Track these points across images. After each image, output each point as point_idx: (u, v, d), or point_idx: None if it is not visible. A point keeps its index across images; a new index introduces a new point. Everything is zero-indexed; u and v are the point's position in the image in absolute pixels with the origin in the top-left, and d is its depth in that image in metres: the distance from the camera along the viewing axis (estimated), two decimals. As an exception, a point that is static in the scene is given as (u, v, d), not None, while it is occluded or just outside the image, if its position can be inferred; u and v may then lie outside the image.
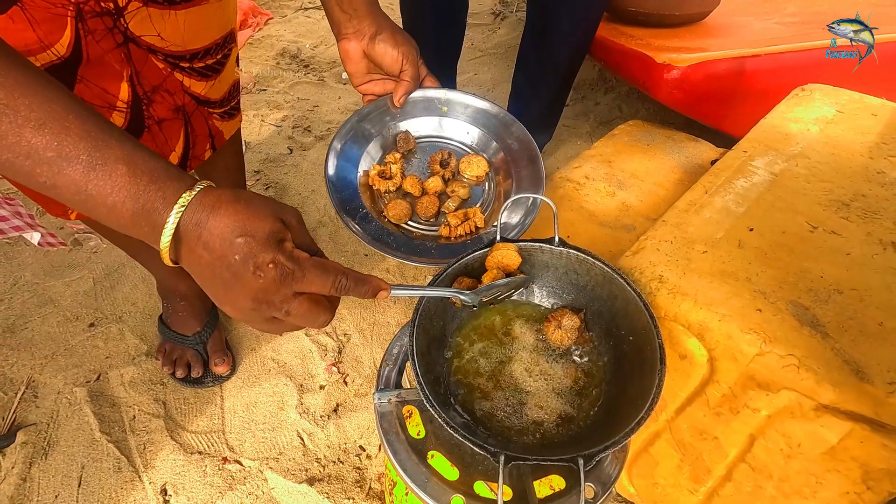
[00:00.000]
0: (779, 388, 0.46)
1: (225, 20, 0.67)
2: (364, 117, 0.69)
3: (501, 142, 0.70)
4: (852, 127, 0.70)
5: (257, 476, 0.83)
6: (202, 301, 0.97)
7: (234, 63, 0.75)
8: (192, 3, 0.60)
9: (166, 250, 0.37)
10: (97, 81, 0.57)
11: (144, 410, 0.90)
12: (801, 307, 0.48)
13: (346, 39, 0.65)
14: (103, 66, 0.57)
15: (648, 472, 0.70)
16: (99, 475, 0.82)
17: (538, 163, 0.65)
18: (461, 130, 0.72)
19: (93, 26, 0.53)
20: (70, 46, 0.53)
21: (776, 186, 0.61)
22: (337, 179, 0.64)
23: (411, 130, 0.71)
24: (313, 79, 1.79)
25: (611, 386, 0.50)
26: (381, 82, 0.69)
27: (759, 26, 1.07)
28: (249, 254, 0.35)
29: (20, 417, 0.89)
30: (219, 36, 0.67)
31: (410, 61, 0.65)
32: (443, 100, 0.71)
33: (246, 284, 0.36)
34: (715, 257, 0.53)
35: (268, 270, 0.36)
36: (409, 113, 0.71)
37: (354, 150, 0.68)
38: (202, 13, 0.62)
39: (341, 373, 0.97)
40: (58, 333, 1.02)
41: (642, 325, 0.47)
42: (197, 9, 0.61)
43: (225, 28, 0.68)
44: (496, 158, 0.70)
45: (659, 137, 1.00)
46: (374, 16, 0.64)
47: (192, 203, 0.36)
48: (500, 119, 0.71)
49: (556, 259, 0.54)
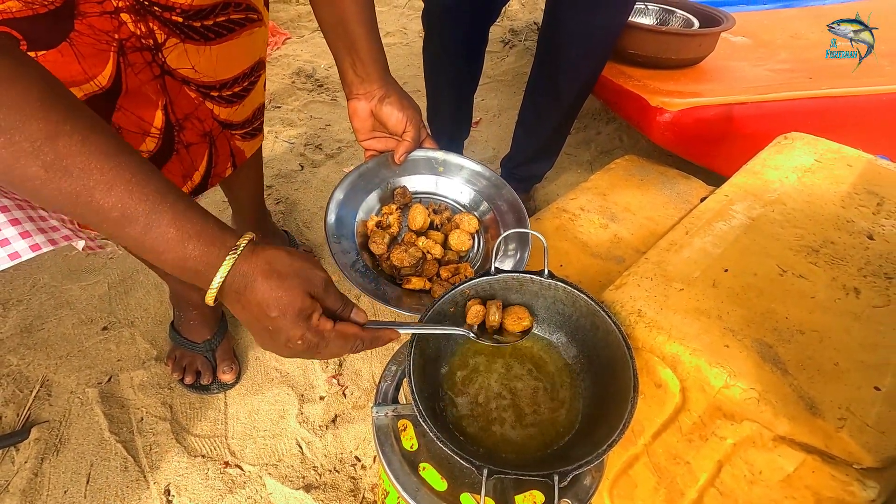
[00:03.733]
0: (742, 418, 0.50)
1: (254, 50, 0.73)
2: (365, 172, 0.73)
3: (491, 202, 0.75)
4: (828, 176, 0.75)
5: (256, 481, 0.87)
6: (213, 310, 1.02)
7: (262, 88, 0.80)
8: (225, 38, 0.66)
9: (211, 302, 0.45)
10: (134, 110, 0.63)
11: (152, 413, 0.95)
12: (765, 345, 0.52)
13: (357, 99, 0.71)
14: (140, 96, 0.62)
15: (628, 493, 0.74)
16: (106, 473, 0.86)
17: (524, 222, 0.70)
18: (455, 189, 0.77)
19: (133, 60, 0.59)
20: (111, 78, 0.58)
21: (752, 230, 0.66)
22: (336, 227, 0.68)
23: (409, 186, 0.76)
24: (326, 98, 1.86)
25: (590, 409, 0.54)
26: (383, 140, 0.75)
27: (751, 72, 1.13)
28: (282, 328, 0.44)
29: (34, 414, 0.93)
30: (247, 66, 0.72)
31: (413, 123, 0.71)
32: (440, 160, 0.77)
33: (280, 346, 0.46)
34: (690, 295, 0.58)
35: (296, 344, 0.45)
36: (407, 170, 0.76)
37: (354, 201, 0.72)
38: (234, 46, 0.68)
39: (341, 385, 1.01)
40: (72, 335, 1.07)
41: (620, 355, 0.52)
42: (229, 43, 0.67)
43: (254, 58, 0.73)
44: (486, 218, 0.75)
45: (653, 173, 1.06)
46: (384, 81, 0.70)
47: (232, 270, 0.43)
48: (492, 182, 0.76)
49: (545, 290, 0.59)
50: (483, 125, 1.78)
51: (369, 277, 0.67)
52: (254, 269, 0.44)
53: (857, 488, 0.44)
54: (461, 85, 1.25)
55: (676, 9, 1.22)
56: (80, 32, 0.52)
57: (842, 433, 0.46)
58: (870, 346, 0.53)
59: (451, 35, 1.11)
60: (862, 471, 0.44)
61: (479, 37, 1.16)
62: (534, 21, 2.39)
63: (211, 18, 0.61)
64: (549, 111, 1.16)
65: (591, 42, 0.99)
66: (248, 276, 0.43)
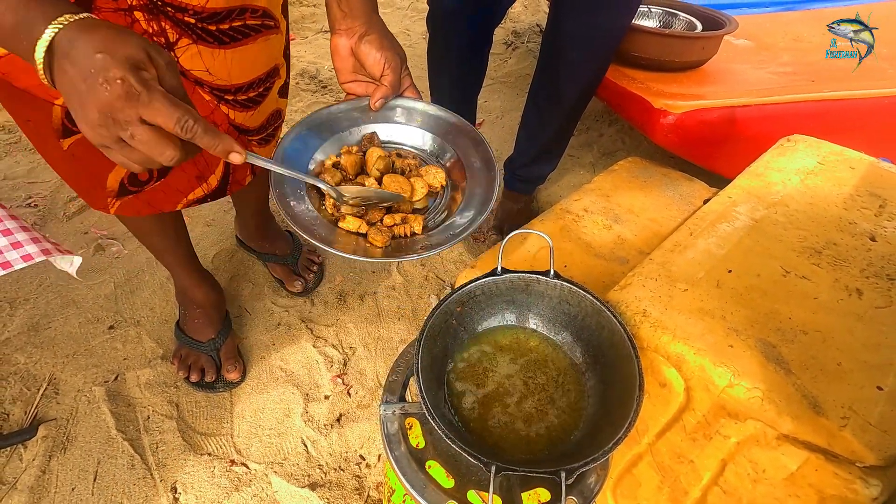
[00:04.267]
0: (745, 417, 0.51)
1: (270, 56, 0.72)
2: (335, 112, 0.68)
3: (464, 155, 0.70)
4: (831, 178, 0.75)
5: (262, 479, 0.87)
6: (217, 310, 1.03)
7: (276, 94, 0.79)
8: (240, 43, 0.66)
9: (41, 65, 0.39)
10: None
11: (158, 411, 0.95)
12: (768, 345, 0.53)
13: (338, 35, 0.66)
14: None
15: (632, 492, 0.74)
16: (114, 471, 0.87)
17: (493, 185, 0.64)
18: (428, 141, 0.72)
19: None
20: None
21: (755, 232, 0.66)
22: (288, 159, 0.62)
23: (379, 134, 0.70)
24: (330, 99, 1.87)
25: (595, 408, 0.55)
26: (364, 84, 0.69)
27: (754, 75, 1.14)
28: (103, 68, 0.38)
29: (41, 412, 0.94)
30: (263, 71, 0.72)
31: (392, 68, 0.65)
32: (418, 110, 0.71)
33: (95, 95, 0.38)
34: (694, 295, 0.58)
35: (115, 85, 0.38)
36: (382, 118, 0.70)
37: (316, 140, 0.66)
38: (249, 51, 0.68)
39: (346, 384, 1.02)
40: (79, 334, 1.07)
41: (625, 355, 0.52)
42: (244, 48, 0.67)
43: (269, 64, 0.73)
44: (451, 166, 0.70)
45: (656, 175, 1.06)
46: (368, 17, 0.65)
47: (69, 24, 0.39)
48: (470, 137, 0.71)
49: (550, 290, 0.60)
50: (486, 126, 1.79)
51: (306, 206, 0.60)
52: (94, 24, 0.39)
53: (859, 486, 0.44)
54: (465, 87, 1.26)
55: (679, 12, 1.22)
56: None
57: (845, 432, 0.46)
58: (872, 347, 0.54)
59: (455, 37, 1.12)
60: (865, 469, 0.45)
61: (483, 39, 1.17)
62: (536, 23, 2.40)
63: (227, 23, 0.62)
64: (552, 114, 1.17)
65: (593, 45, 0.99)
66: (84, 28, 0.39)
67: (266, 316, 1.13)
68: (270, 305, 1.15)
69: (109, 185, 0.71)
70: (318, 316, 1.14)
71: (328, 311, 1.15)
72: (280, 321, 1.12)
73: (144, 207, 0.76)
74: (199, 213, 1.37)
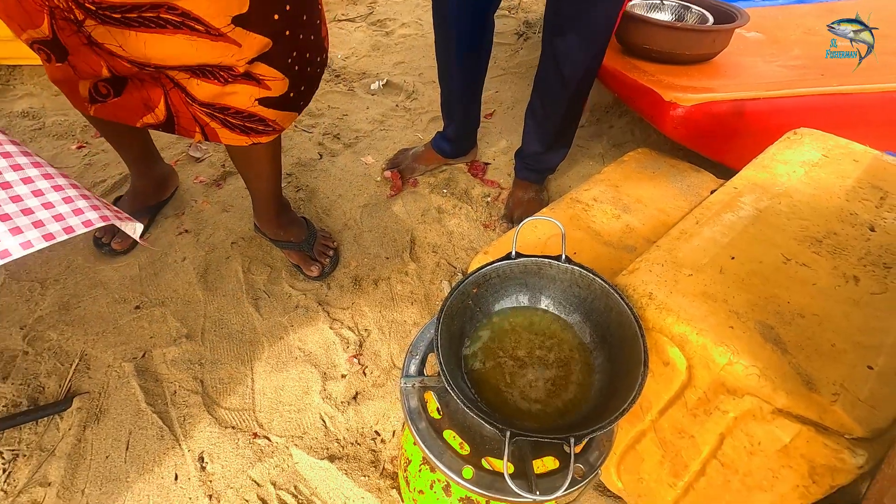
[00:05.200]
0: (743, 393, 0.55)
1: (198, 55, 0.73)
2: None
3: None
4: (834, 171, 0.78)
5: (283, 451, 0.92)
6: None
7: (246, 98, 0.82)
8: (153, 30, 0.69)
9: None
10: (83, 59, 0.78)
11: (184, 387, 1.00)
12: (767, 327, 0.56)
13: None
14: (82, 54, 0.76)
15: (635, 467, 0.78)
16: (144, 441, 0.92)
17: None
18: None
19: (62, 25, 0.73)
20: (50, 31, 0.74)
21: (759, 221, 0.69)
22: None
23: None
24: (343, 88, 1.90)
25: (602, 384, 0.59)
26: None
27: (764, 68, 1.16)
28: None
29: (75, 386, 0.99)
30: (192, 62, 0.75)
31: None
32: None
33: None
34: (698, 280, 0.62)
35: None
36: None
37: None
38: (167, 41, 0.71)
39: (361, 364, 1.06)
40: (107, 313, 1.12)
41: (631, 335, 0.56)
42: (161, 36, 0.70)
43: (201, 59, 0.74)
44: None
45: (664, 166, 1.09)
46: None
47: None
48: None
49: (562, 274, 0.63)
50: (497, 117, 1.81)
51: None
52: None
53: (847, 456, 0.48)
54: (464, 71, 1.27)
55: (693, 5, 1.24)
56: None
57: (835, 407, 0.50)
58: (866, 330, 0.57)
59: (454, 20, 1.15)
60: (853, 440, 0.48)
61: (480, 22, 1.17)
62: (548, 13, 2.40)
63: (134, 13, 0.67)
64: (555, 100, 1.19)
65: (590, 28, 1.01)
66: None
67: (284, 299, 1.18)
68: (288, 289, 1.20)
69: (82, 92, 0.86)
70: (334, 299, 1.18)
71: (344, 295, 1.19)
72: (298, 304, 1.17)
73: (112, 116, 0.90)
74: (219, 199, 1.41)
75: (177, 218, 1.36)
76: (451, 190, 1.49)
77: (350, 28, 2.23)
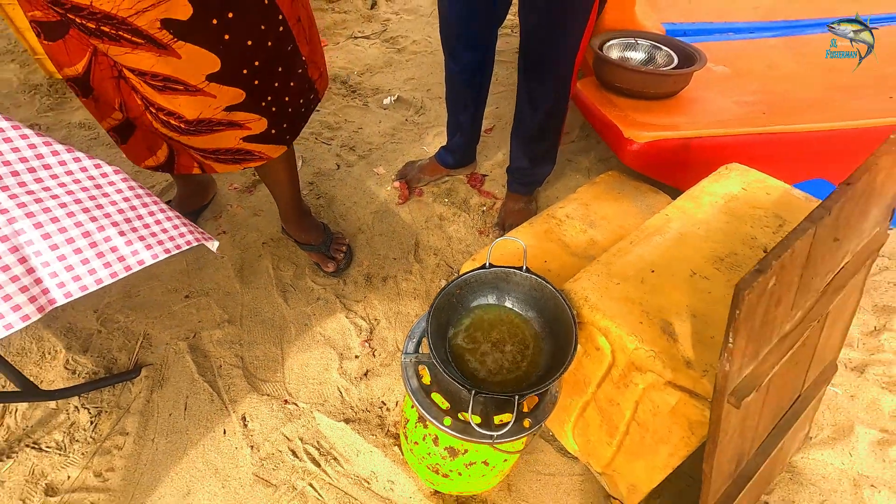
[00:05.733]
0: (646, 370, 0.76)
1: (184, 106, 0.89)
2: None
3: None
4: (749, 201, 0.98)
5: (308, 414, 1.15)
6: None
7: (232, 137, 0.98)
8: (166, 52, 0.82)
9: None
10: (102, 95, 0.96)
11: (227, 362, 1.24)
12: (666, 323, 0.77)
13: None
14: (104, 90, 0.95)
15: (584, 432, 1.00)
16: (198, 404, 1.16)
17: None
18: None
19: (101, 60, 0.89)
20: (84, 69, 0.91)
21: (679, 243, 0.90)
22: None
23: None
24: (359, 103, 2.11)
25: (547, 361, 0.80)
26: None
27: (719, 104, 1.35)
28: None
29: (141, 359, 1.23)
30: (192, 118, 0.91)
31: None
32: None
33: None
34: (623, 288, 0.83)
35: None
36: None
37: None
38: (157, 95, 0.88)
39: (371, 347, 1.28)
40: (162, 300, 1.36)
41: (568, 327, 0.77)
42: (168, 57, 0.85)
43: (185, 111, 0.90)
44: None
45: (629, 188, 1.29)
46: None
47: None
48: None
49: (523, 280, 0.85)
50: (496, 132, 2.01)
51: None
52: None
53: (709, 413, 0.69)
54: (465, 88, 1.46)
55: (663, 45, 1.43)
56: (71, 36, 0.86)
57: (704, 379, 0.71)
58: (742, 327, 0.78)
59: (454, 38, 1.34)
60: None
61: (479, 20, 1.31)
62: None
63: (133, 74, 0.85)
64: (532, 129, 1.38)
65: (552, 74, 1.20)
66: None
67: (308, 292, 1.40)
68: (311, 284, 1.42)
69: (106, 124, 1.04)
70: (349, 293, 1.41)
71: (357, 290, 1.42)
72: (319, 296, 1.39)
73: (129, 156, 1.10)
74: (250, 204, 1.64)
75: (215, 220, 1.59)
76: (451, 199, 1.71)
77: (366, 45, 2.44)
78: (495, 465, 0.90)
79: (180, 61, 0.83)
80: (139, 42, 0.79)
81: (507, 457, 0.90)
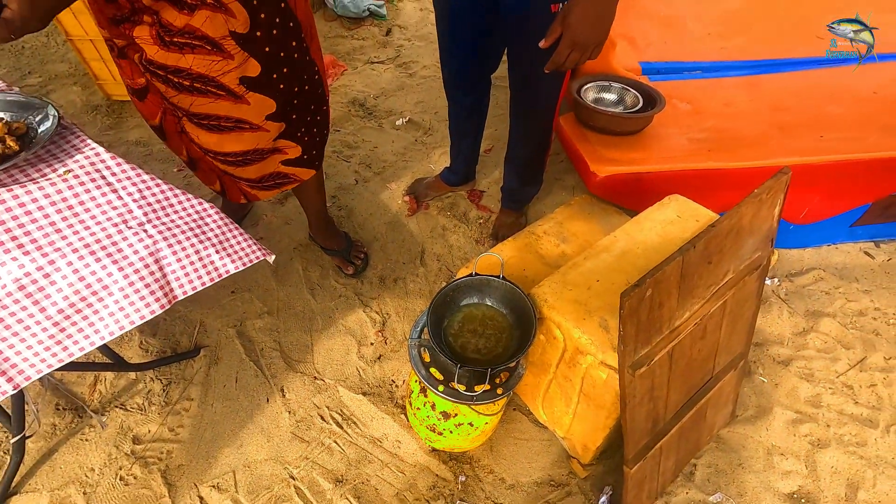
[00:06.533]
0: (587, 353, 1.04)
1: (245, 142, 1.14)
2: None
3: None
4: (680, 227, 1.26)
5: (333, 388, 1.45)
6: None
7: (276, 160, 1.23)
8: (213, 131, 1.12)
9: None
10: (172, 143, 1.29)
11: (268, 346, 1.53)
12: (603, 319, 1.05)
13: None
14: (174, 138, 1.27)
15: (550, 405, 1.28)
16: (246, 378, 1.46)
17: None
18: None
19: (170, 118, 1.22)
20: (159, 121, 1.24)
21: (621, 259, 1.18)
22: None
23: None
24: (374, 125, 2.40)
25: (515, 345, 1.09)
26: None
27: (675, 141, 1.62)
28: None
29: (199, 342, 1.53)
30: (240, 149, 1.16)
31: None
32: None
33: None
34: (573, 293, 1.11)
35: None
36: None
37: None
38: (223, 137, 1.13)
39: (384, 336, 1.58)
40: (213, 295, 1.66)
41: (529, 320, 1.06)
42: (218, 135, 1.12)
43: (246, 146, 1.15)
44: None
45: (597, 209, 1.57)
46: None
47: None
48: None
49: (500, 286, 1.13)
50: (494, 152, 2.29)
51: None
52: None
53: (624, 383, 0.97)
54: (465, 122, 1.74)
55: (631, 88, 1.70)
56: (150, 99, 1.17)
57: (625, 360, 0.99)
58: (659, 324, 1.05)
59: (454, 87, 1.61)
60: (629, 376, 0.98)
61: (473, 72, 1.57)
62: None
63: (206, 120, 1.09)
64: (521, 158, 1.64)
65: (537, 116, 1.47)
66: None
67: (331, 290, 1.70)
68: (334, 283, 1.72)
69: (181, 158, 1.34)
70: (366, 291, 1.70)
71: (373, 289, 1.71)
72: (341, 294, 1.69)
73: (204, 180, 1.37)
74: (282, 214, 1.93)
75: (252, 228, 1.88)
76: (453, 212, 1.99)
77: (381, 70, 2.72)
78: (478, 426, 1.19)
79: (249, 107, 1.11)
80: (221, 94, 1.07)
81: (487, 419, 1.19)
